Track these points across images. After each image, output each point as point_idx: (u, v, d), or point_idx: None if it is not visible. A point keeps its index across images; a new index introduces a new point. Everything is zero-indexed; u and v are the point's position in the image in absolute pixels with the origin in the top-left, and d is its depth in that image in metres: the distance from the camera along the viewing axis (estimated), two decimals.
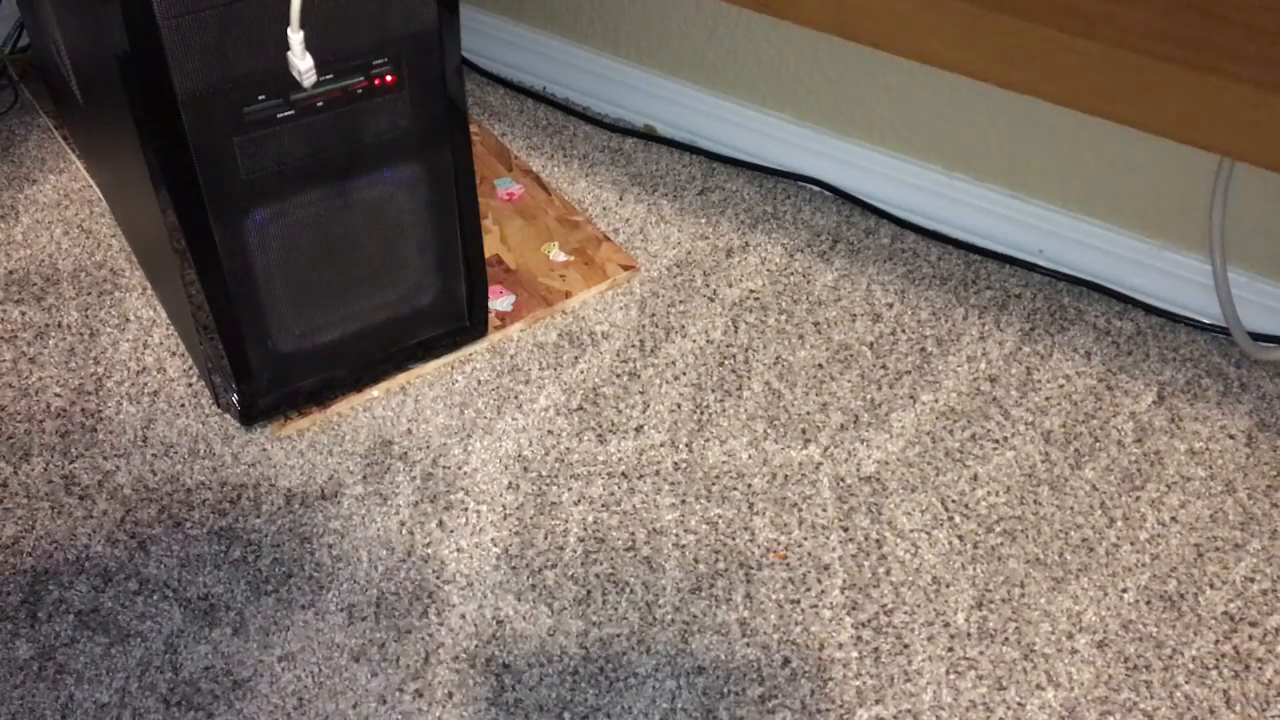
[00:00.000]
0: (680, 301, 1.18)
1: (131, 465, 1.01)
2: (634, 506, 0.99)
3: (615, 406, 1.07)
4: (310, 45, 0.79)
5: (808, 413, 1.07)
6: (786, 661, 0.88)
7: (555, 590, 0.92)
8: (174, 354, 1.10)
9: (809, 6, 1.00)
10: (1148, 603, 0.93)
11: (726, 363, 1.11)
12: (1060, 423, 1.06)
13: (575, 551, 0.95)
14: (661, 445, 1.04)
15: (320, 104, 0.88)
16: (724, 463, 1.02)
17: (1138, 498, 1.00)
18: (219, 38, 0.81)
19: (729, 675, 0.88)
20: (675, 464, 1.02)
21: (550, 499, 0.99)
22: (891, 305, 1.18)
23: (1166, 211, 1.15)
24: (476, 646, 0.89)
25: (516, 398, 1.08)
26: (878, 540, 0.97)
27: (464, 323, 1.09)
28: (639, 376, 1.10)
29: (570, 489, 1.00)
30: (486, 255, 1.17)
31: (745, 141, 1.35)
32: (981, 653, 0.89)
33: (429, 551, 0.95)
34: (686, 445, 1.04)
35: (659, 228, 1.26)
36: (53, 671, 0.87)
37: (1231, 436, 1.06)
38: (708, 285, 1.19)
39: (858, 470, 1.02)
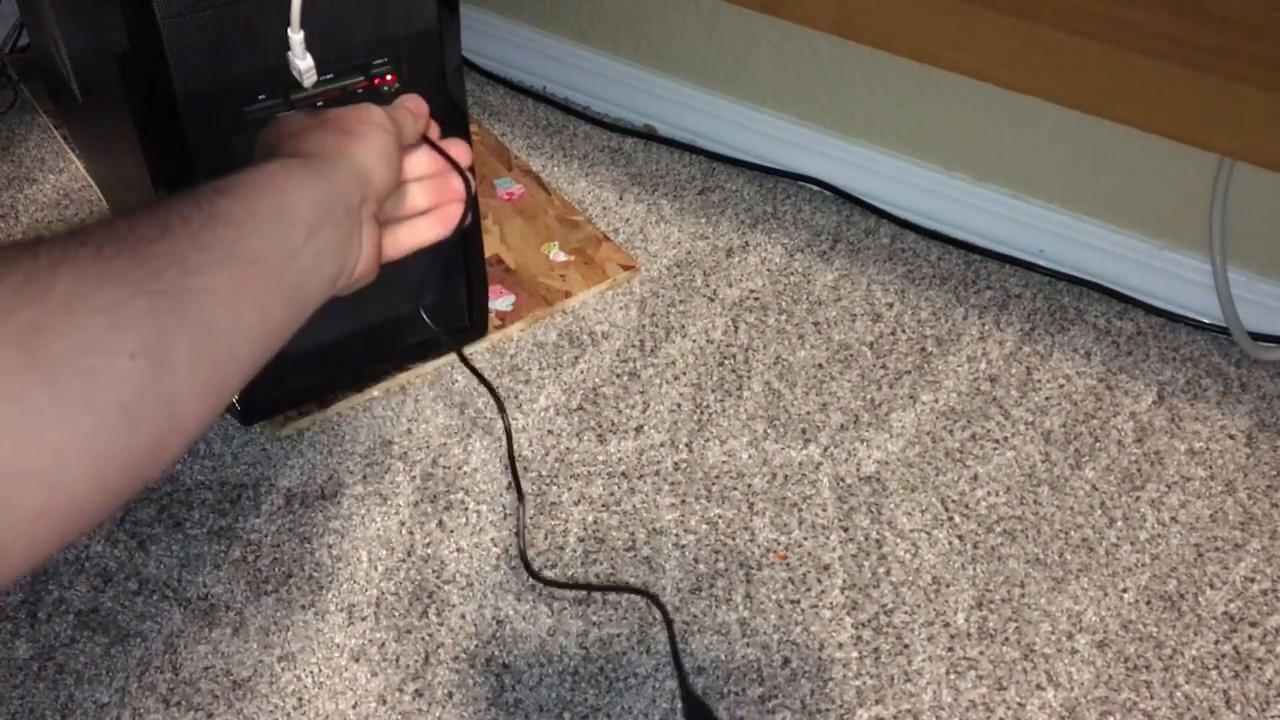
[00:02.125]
0: (680, 301, 1.18)
1: None
2: (634, 506, 0.99)
3: (615, 406, 1.07)
4: (310, 45, 0.79)
5: (808, 413, 1.07)
6: (786, 661, 0.88)
7: (555, 590, 0.92)
8: None
9: (809, 6, 1.00)
10: (1148, 603, 0.93)
11: (726, 363, 1.11)
12: (1060, 423, 1.06)
13: (575, 551, 0.95)
14: (661, 445, 1.04)
15: (320, 104, 0.88)
16: (724, 463, 1.02)
17: (1138, 498, 1.00)
18: (219, 38, 0.81)
19: (729, 675, 0.87)
20: (675, 464, 1.02)
21: (550, 499, 0.99)
22: (891, 305, 1.18)
23: (1166, 211, 1.15)
24: (476, 646, 0.89)
25: (516, 397, 1.08)
26: (878, 540, 0.97)
27: (464, 322, 1.09)
28: (639, 376, 1.10)
29: (570, 489, 1.00)
30: (486, 255, 1.17)
31: (745, 141, 1.35)
32: (981, 653, 0.89)
33: (429, 551, 0.95)
34: (686, 445, 1.04)
35: (659, 227, 1.26)
36: (52, 671, 0.87)
37: (1231, 436, 1.06)
38: (708, 285, 1.19)
39: (858, 470, 1.02)
